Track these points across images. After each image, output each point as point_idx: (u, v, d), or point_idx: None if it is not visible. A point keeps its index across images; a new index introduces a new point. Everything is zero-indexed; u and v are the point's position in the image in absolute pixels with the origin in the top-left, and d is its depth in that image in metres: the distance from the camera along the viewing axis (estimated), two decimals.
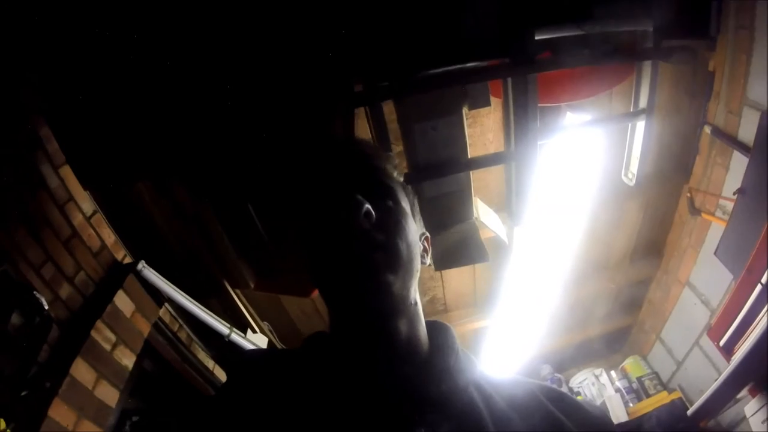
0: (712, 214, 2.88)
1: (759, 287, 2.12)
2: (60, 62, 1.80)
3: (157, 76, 1.86)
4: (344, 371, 0.70)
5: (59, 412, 1.67)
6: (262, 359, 0.82)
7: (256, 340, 2.65)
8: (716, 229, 2.86)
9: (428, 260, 0.83)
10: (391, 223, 0.70)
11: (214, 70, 1.91)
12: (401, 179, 0.82)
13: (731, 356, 2.24)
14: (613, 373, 4.06)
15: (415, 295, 0.73)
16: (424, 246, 0.82)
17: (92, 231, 2.06)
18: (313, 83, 2.02)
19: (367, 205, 0.67)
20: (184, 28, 1.77)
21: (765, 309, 2.08)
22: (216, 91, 1.89)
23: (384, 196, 0.73)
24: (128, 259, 2.23)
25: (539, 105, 2.24)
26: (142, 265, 2.19)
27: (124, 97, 1.90)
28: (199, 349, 2.59)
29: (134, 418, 2.30)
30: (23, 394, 1.63)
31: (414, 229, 0.75)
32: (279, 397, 0.69)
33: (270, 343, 2.82)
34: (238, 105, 1.95)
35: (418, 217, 0.83)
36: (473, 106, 2.27)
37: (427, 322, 0.78)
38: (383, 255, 0.67)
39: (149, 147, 2.01)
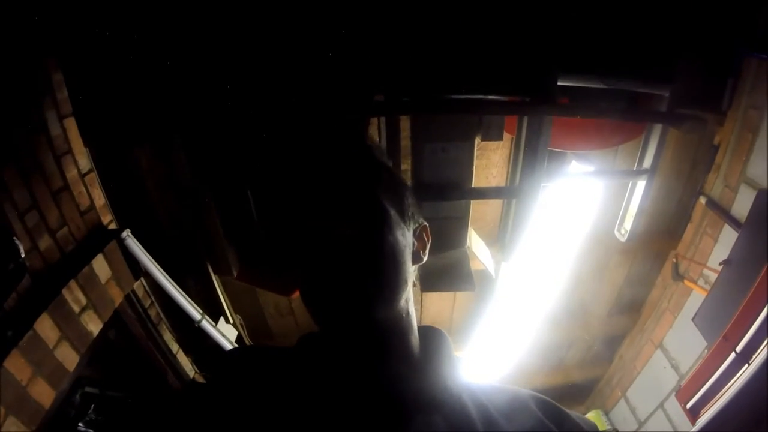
0: (695, 282, 2.93)
1: (733, 355, 2.15)
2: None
3: (178, 40, 1.84)
4: (335, 376, 0.69)
5: (15, 364, 1.59)
6: (253, 357, 0.80)
7: (225, 330, 2.58)
8: (696, 297, 2.91)
9: (425, 256, 0.79)
10: (369, 242, 0.67)
11: (234, 47, 1.90)
12: (388, 166, 0.78)
13: (696, 419, 2.25)
14: None
15: (405, 306, 0.72)
16: (421, 238, 0.79)
17: (84, 189, 2.00)
18: (335, 83, 2.02)
19: (340, 230, 0.66)
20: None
21: (736, 377, 2.11)
22: (235, 67, 1.88)
23: (362, 206, 0.69)
24: (114, 225, 2.17)
25: (549, 148, 2.28)
26: (126, 234, 2.13)
27: (139, 59, 1.88)
28: (167, 330, 2.51)
29: (87, 388, 2.21)
30: None
31: (401, 235, 0.71)
32: (271, 396, 0.68)
33: (239, 337, 2.75)
34: (254, 87, 1.94)
35: (412, 209, 0.78)
36: (486, 137, 2.31)
37: (421, 328, 0.77)
38: (361, 280, 0.66)
39: (157, 108, 1.97)
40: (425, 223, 0.81)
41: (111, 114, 1.98)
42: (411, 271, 0.73)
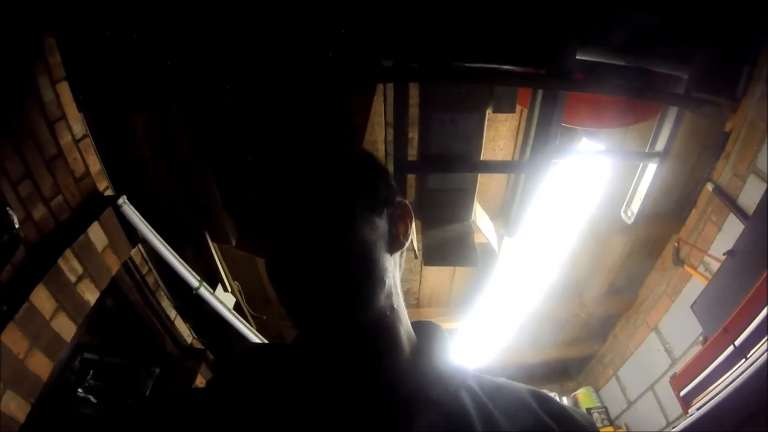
0: (695, 268, 2.92)
1: (731, 348, 2.16)
2: None
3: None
4: (331, 374, 0.68)
5: (12, 338, 1.58)
6: (252, 355, 0.78)
7: (224, 298, 2.57)
8: (695, 283, 2.91)
9: (408, 240, 0.74)
10: (338, 248, 0.65)
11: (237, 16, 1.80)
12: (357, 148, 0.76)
13: (689, 407, 2.29)
14: (564, 399, 4.15)
15: (390, 302, 0.69)
16: (404, 221, 0.74)
17: (78, 155, 1.93)
18: (341, 46, 1.92)
19: (311, 235, 0.64)
20: None
21: (732, 370, 2.12)
22: (233, 28, 1.78)
23: (329, 208, 0.66)
24: (110, 192, 2.12)
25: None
26: (123, 200, 2.08)
27: (136, 21, 1.78)
28: (164, 297, 2.50)
29: (86, 354, 2.22)
30: None
31: (369, 235, 0.68)
32: (269, 395, 0.66)
33: (237, 304, 2.75)
34: (253, 47, 1.84)
35: (386, 191, 0.73)
36: (497, 109, 2.22)
37: (415, 323, 0.76)
38: (334, 289, 0.63)
39: (154, 72, 1.88)
40: (405, 202, 0.76)
41: (106, 78, 1.89)
42: (389, 264, 0.70)
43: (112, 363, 2.34)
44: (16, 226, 1.63)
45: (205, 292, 2.48)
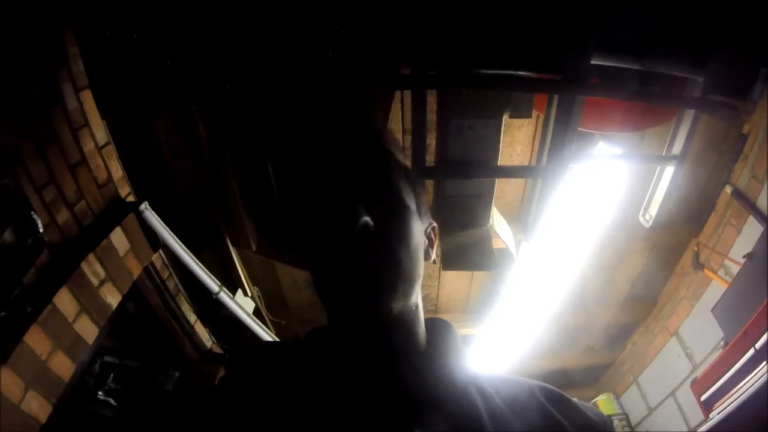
0: (715, 272, 2.88)
1: (752, 351, 2.13)
2: None
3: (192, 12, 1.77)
4: (342, 370, 0.69)
5: (35, 338, 1.61)
6: (263, 353, 0.80)
7: (243, 303, 2.59)
8: (715, 287, 2.87)
9: (434, 255, 0.79)
10: (391, 234, 0.67)
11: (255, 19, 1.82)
12: (406, 166, 0.78)
13: (710, 412, 2.25)
14: None
15: (416, 299, 0.72)
16: (430, 238, 0.78)
17: (101, 162, 1.98)
18: (360, 53, 1.94)
19: (366, 218, 0.65)
20: None
21: (753, 374, 2.09)
22: (257, 37, 1.81)
23: (386, 198, 0.70)
24: (132, 198, 2.16)
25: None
26: (144, 206, 2.12)
27: (160, 28, 1.82)
28: (184, 301, 2.53)
29: (106, 357, 2.25)
30: (2, 314, 1.56)
31: (418, 230, 0.72)
32: (279, 392, 0.68)
33: (256, 309, 2.77)
34: (278, 56, 1.87)
35: (424, 209, 0.78)
36: (514, 115, 2.22)
37: (427, 320, 0.77)
38: (382, 271, 0.65)
39: (176, 79, 1.92)
40: (434, 224, 0.82)
41: (129, 85, 1.93)
42: (421, 272, 0.72)
43: (132, 366, 2.37)
44: (41, 230, 1.66)
45: (224, 296, 2.50)
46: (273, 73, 1.89)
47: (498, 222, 2.60)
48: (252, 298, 2.73)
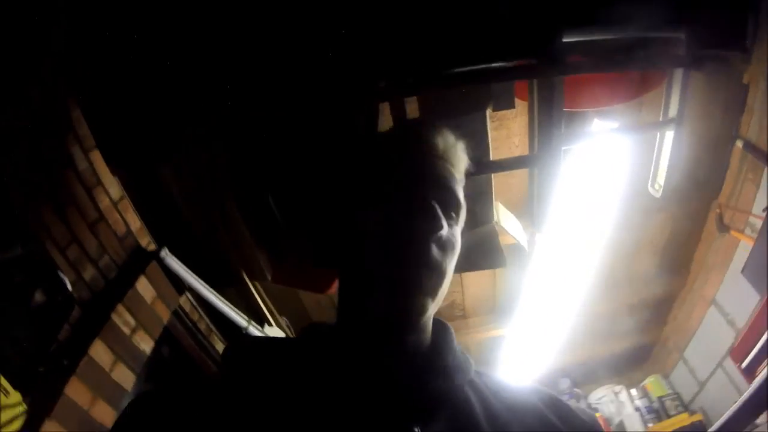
0: (741, 232, 2.79)
1: None
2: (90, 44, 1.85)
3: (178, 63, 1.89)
4: (342, 367, 0.69)
5: (75, 390, 1.69)
6: (258, 348, 0.79)
7: (273, 333, 2.66)
8: (745, 247, 2.77)
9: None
10: (449, 245, 0.70)
11: (239, 60, 1.93)
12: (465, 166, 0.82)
13: (753, 378, 2.16)
14: (633, 391, 3.95)
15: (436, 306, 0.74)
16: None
17: (118, 216, 2.10)
18: (338, 78, 2.03)
19: (444, 224, 0.68)
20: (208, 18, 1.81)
21: None
22: (240, 80, 1.91)
23: (452, 211, 0.73)
24: (152, 246, 2.26)
25: (566, 110, 2.21)
26: (164, 253, 2.22)
27: (153, 84, 1.94)
28: (218, 340, 2.61)
29: None
30: (41, 369, 1.66)
31: (460, 240, 0.75)
32: (276, 388, 0.68)
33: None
34: (261, 97, 1.97)
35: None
36: (497, 108, 2.25)
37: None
38: (433, 278, 0.68)
39: (177, 121, 2.01)
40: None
41: (132, 137, 2.06)
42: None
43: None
44: (69, 288, 1.78)
45: (254, 330, 2.58)
46: (256, 100, 1.98)
47: (505, 217, 2.61)
48: (280, 326, 2.79)
